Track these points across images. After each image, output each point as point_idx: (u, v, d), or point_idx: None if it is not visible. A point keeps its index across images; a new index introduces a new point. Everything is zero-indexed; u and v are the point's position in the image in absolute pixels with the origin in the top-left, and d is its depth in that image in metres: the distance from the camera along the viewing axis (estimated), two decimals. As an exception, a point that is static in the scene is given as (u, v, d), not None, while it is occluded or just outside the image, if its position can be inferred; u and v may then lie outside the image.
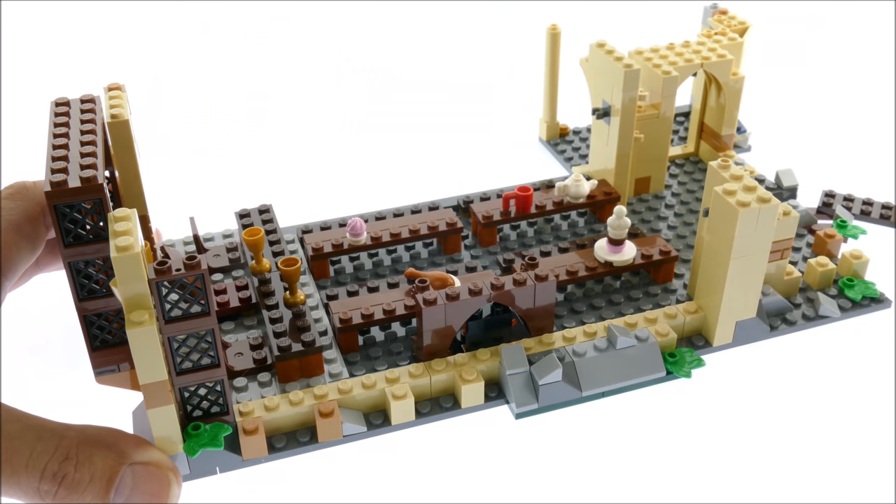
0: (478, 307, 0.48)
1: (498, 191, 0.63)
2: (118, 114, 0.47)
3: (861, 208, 0.61)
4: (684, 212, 0.62)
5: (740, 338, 0.51)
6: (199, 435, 0.43)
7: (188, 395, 0.43)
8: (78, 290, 0.41)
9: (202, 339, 0.41)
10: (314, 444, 0.45)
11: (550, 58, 0.69)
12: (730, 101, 0.65)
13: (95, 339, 0.43)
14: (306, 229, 0.59)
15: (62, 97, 0.46)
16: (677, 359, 0.49)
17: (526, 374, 0.47)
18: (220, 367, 0.41)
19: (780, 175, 0.64)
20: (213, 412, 0.43)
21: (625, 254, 0.54)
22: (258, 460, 0.44)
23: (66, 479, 0.37)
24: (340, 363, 0.49)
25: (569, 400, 0.47)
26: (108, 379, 0.45)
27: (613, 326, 0.48)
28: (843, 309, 0.53)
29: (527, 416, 0.47)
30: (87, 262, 0.41)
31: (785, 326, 0.52)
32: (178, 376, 0.41)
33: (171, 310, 0.39)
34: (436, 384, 0.47)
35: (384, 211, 0.60)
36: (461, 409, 0.47)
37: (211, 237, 0.59)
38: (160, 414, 0.41)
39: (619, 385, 0.48)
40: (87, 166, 0.40)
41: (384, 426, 0.46)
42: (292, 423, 0.45)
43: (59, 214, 0.39)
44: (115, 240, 0.37)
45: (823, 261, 0.55)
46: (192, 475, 0.43)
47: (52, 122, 0.44)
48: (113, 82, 0.50)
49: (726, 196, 0.47)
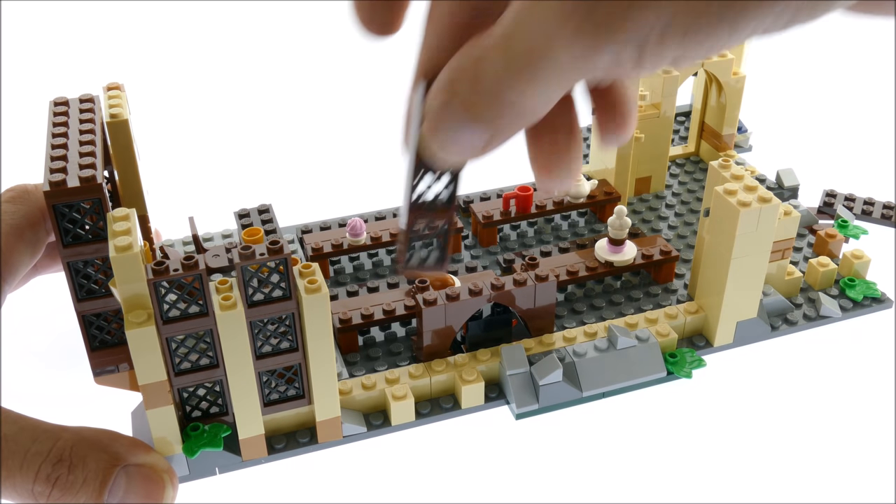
0: (478, 307, 0.48)
1: (498, 191, 0.63)
2: (117, 113, 0.47)
3: (862, 208, 0.61)
4: (685, 212, 0.62)
5: (741, 338, 0.51)
6: (199, 435, 0.43)
7: (187, 396, 0.42)
8: (77, 291, 0.41)
9: (201, 340, 0.40)
10: (314, 445, 0.45)
11: (551, 57, 0.69)
12: (730, 101, 0.65)
13: (94, 340, 0.43)
14: (306, 229, 0.59)
15: (61, 97, 0.46)
16: (678, 359, 0.49)
17: (526, 374, 0.47)
18: (219, 367, 0.41)
19: (781, 175, 0.64)
20: (213, 412, 0.43)
21: (625, 254, 0.54)
22: (258, 461, 0.44)
23: (60, 481, 0.37)
24: (340, 363, 0.48)
25: (569, 400, 0.47)
26: (107, 379, 0.45)
27: (614, 326, 0.48)
28: (845, 309, 0.53)
29: (527, 416, 0.47)
30: (86, 262, 0.41)
31: (786, 326, 0.52)
32: (177, 377, 0.41)
33: (169, 310, 0.39)
34: (436, 384, 0.47)
35: (384, 211, 0.60)
36: (461, 410, 0.47)
37: (210, 237, 0.59)
38: (159, 414, 0.41)
39: (619, 385, 0.47)
40: (86, 166, 0.40)
41: (384, 426, 0.46)
42: (293, 423, 0.45)
43: (58, 214, 0.39)
44: (114, 240, 0.37)
45: (824, 261, 0.54)
46: (191, 475, 0.43)
47: (51, 121, 0.44)
48: (112, 82, 0.50)
49: (727, 196, 0.47)
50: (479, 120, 0.32)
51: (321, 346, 0.41)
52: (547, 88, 0.29)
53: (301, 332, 0.41)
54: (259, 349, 0.41)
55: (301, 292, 0.40)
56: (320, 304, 0.40)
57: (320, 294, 0.40)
